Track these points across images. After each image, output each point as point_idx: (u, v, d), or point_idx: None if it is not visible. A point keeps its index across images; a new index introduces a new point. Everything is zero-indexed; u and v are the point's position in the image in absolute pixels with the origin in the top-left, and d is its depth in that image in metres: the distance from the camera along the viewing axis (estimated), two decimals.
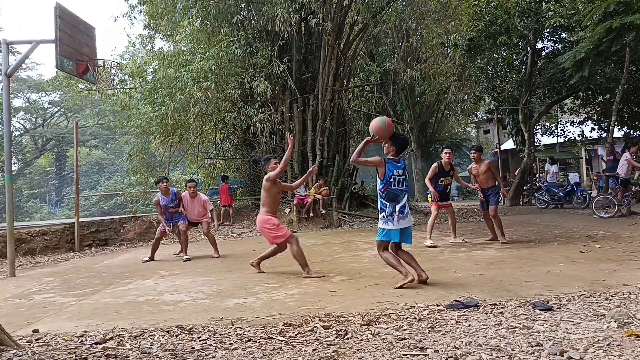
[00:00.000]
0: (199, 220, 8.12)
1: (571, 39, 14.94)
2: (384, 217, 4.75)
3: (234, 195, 13.77)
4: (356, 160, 4.78)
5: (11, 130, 8.08)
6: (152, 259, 7.59)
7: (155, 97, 12.93)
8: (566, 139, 20.77)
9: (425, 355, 2.68)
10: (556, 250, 6.39)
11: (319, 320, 3.53)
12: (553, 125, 21.01)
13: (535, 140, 18.37)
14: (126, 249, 9.69)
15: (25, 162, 35.85)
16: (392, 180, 4.70)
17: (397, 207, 4.69)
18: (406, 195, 4.80)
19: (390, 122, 4.85)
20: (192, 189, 7.97)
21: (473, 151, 7.79)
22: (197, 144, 16.05)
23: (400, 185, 4.74)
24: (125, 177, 21.64)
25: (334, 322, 3.47)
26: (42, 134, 35.78)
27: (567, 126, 20.55)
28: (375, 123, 4.78)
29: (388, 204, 4.73)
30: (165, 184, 7.80)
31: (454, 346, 2.78)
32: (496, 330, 3.06)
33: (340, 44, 13.52)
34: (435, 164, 7.59)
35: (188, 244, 7.88)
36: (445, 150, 7.71)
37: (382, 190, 4.74)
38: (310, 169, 6.72)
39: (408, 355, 2.69)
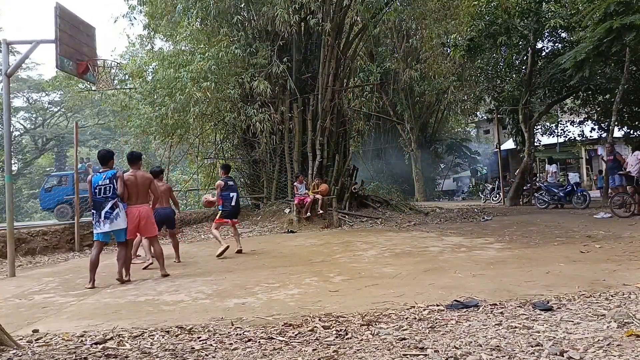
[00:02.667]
0: None
1: (571, 38, 14.93)
2: (94, 223, 5.61)
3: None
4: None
5: (11, 130, 8.08)
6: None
7: (155, 97, 12.92)
8: (566, 139, 20.75)
9: (425, 355, 2.68)
10: (556, 250, 6.39)
11: (319, 320, 3.53)
12: (553, 125, 21.00)
13: (535, 140, 18.35)
14: None
15: (25, 162, 35.82)
16: (96, 190, 5.53)
17: (102, 213, 5.51)
18: (110, 201, 5.54)
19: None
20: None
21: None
22: (197, 144, 16.04)
23: (104, 194, 5.53)
24: None
25: (334, 322, 3.47)
26: (42, 134, 35.73)
27: (567, 126, 20.53)
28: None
29: (95, 212, 5.56)
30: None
31: (454, 346, 2.78)
32: (496, 330, 3.06)
33: (340, 44, 13.51)
34: (220, 182, 7.84)
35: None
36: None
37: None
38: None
39: (408, 355, 2.69)
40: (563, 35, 15.39)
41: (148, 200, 6.12)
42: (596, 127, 18.05)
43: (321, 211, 11.54)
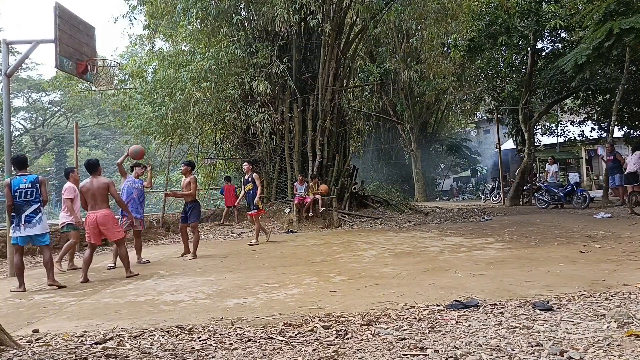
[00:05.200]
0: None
1: (571, 38, 14.93)
2: (13, 227, 5.54)
3: (237, 195, 13.77)
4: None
5: (11, 130, 8.09)
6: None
7: (155, 97, 12.92)
8: (566, 139, 20.75)
9: (425, 355, 2.68)
10: (556, 250, 6.38)
11: (319, 320, 3.53)
12: (553, 125, 20.99)
13: (535, 140, 18.34)
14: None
15: None
16: (17, 193, 5.46)
17: (23, 217, 5.47)
18: (33, 205, 5.52)
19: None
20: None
21: (183, 165, 8.41)
22: (197, 144, 16.04)
23: (25, 197, 5.49)
24: None
25: (334, 322, 3.47)
26: (42, 134, 35.75)
27: (567, 126, 20.52)
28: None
29: (15, 215, 5.49)
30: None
31: (454, 346, 2.78)
32: (496, 330, 3.06)
33: (340, 44, 13.51)
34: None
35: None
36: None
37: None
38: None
39: (408, 355, 2.69)
40: (563, 35, 15.39)
41: (107, 204, 6.27)
42: (596, 127, 18.04)
43: (322, 209, 11.52)
